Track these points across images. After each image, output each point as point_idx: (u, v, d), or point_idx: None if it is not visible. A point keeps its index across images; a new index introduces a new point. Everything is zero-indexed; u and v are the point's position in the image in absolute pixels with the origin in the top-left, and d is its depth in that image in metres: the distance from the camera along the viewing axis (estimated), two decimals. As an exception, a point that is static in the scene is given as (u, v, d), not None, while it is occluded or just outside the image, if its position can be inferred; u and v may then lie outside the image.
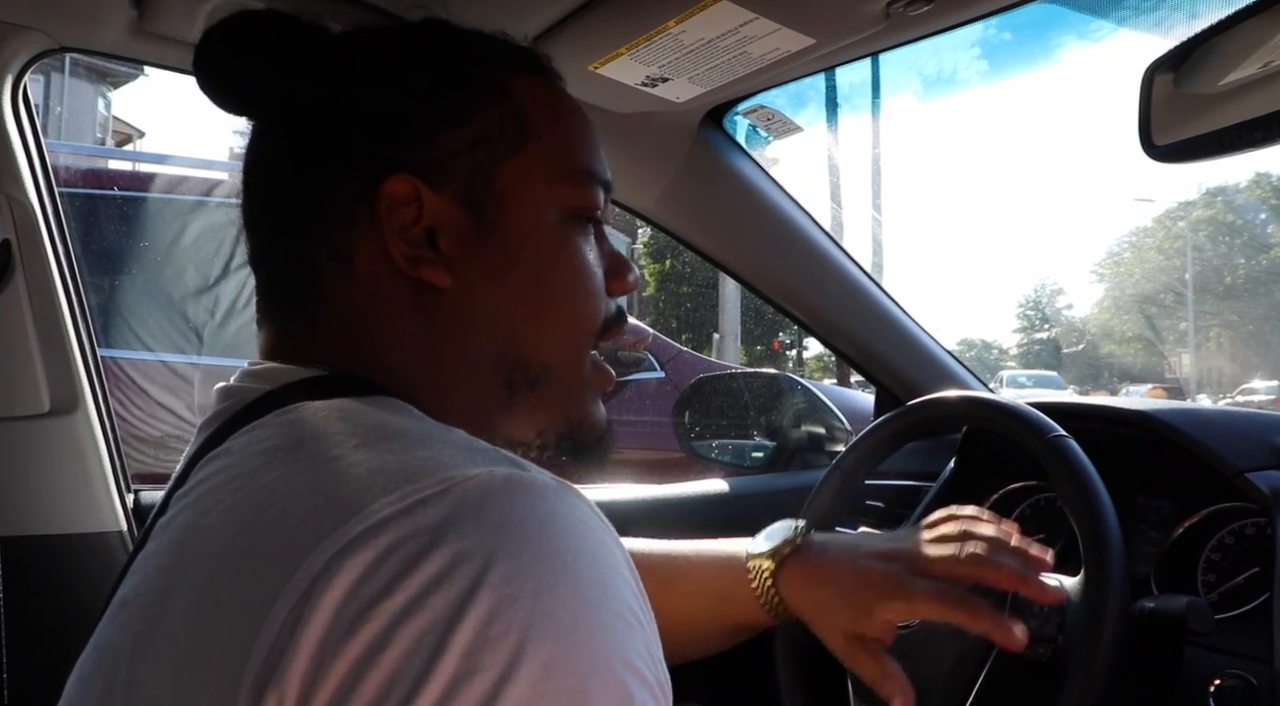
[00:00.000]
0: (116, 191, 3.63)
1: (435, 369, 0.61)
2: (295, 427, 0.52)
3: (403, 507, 0.43)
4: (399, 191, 0.59)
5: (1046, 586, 0.82)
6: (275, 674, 0.40)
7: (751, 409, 2.00)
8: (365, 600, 0.41)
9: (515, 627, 0.41)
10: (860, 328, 1.57)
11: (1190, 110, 0.80)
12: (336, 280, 0.60)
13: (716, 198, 1.43)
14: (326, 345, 0.61)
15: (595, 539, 0.47)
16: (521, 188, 0.62)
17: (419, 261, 0.59)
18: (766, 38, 0.99)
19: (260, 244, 0.64)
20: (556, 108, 0.66)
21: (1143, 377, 27.36)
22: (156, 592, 0.50)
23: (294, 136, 0.62)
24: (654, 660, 0.46)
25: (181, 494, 0.55)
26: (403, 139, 0.60)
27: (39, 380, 1.20)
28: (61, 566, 1.19)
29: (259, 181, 0.64)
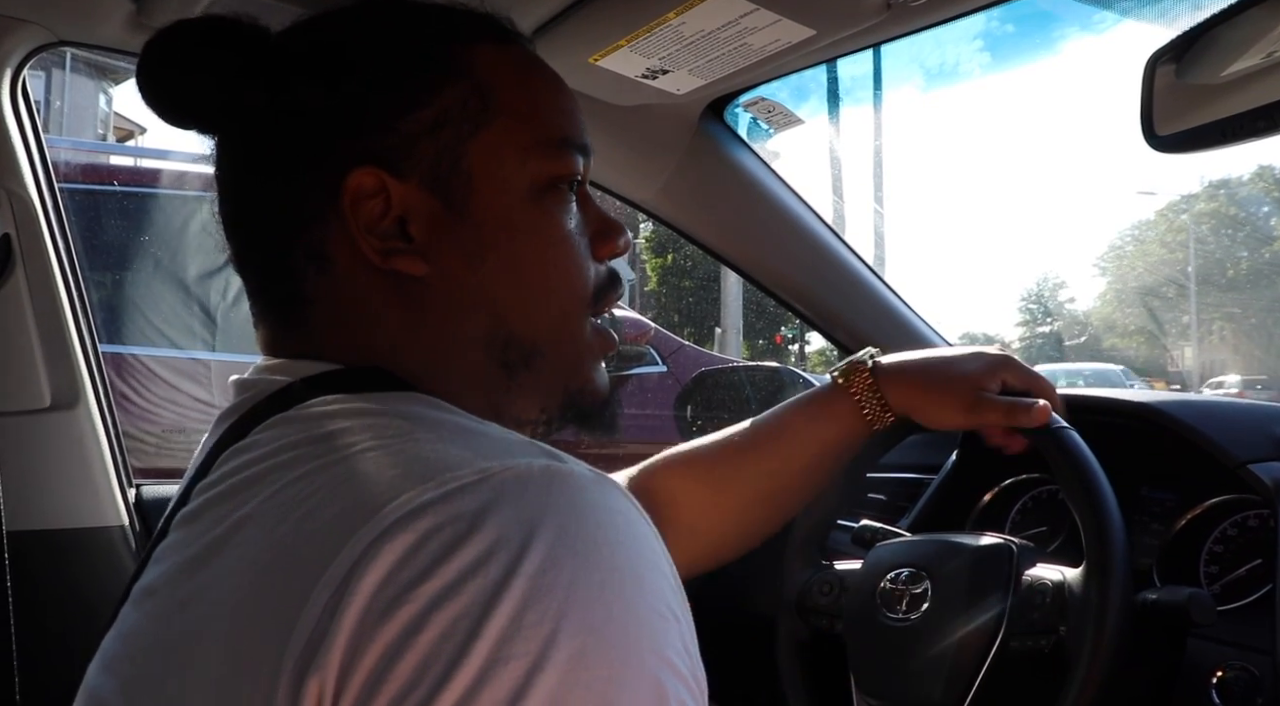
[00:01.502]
0: (117, 186, 3.62)
1: (429, 358, 0.60)
2: (326, 421, 0.52)
3: (441, 494, 0.43)
4: (364, 184, 0.58)
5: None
6: (315, 659, 0.41)
7: (753, 402, 2.00)
8: (402, 584, 0.41)
9: (549, 617, 0.41)
10: (862, 321, 1.57)
11: (1192, 100, 0.80)
12: (317, 280, 0.60)
13: (717, 191, 1.43)
14: (322, 344, 0.60)
15: (632, 532, 0.47)
16: (490, 165, 0.60)
17: (391, 253, 0.58)
18: (767, 29, 0.99)
19: (239, 249, 0.64)
20: (522, 76, 0.63)
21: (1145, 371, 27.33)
22: (190, 583, 0.50)
23: (251, 142, 0.61)
24: (690, 655, 0.47)
25: (205, 485, 0.55)
26: (361, 131, 0.59)
27: (40, 375, 1.20)
28: (63, 561, 1.19)
29: (227, 189, 0.63)
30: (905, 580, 0.99)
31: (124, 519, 1.24)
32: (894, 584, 1.00)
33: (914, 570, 0.99)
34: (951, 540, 1.01)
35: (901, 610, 0.98)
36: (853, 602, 1.04)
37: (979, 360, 0.99)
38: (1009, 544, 0.97)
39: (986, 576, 0.94)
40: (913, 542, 1.06)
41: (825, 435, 1.01)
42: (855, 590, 1.04)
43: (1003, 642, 0.91)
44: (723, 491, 1.03)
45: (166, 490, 1.33)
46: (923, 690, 0.94)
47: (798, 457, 1.01)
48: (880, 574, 1.02)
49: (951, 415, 0.97)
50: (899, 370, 1.00)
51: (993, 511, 1.28)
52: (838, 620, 1.07)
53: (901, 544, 1.06)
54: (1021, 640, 0.91)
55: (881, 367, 1.01)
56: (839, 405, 1.00)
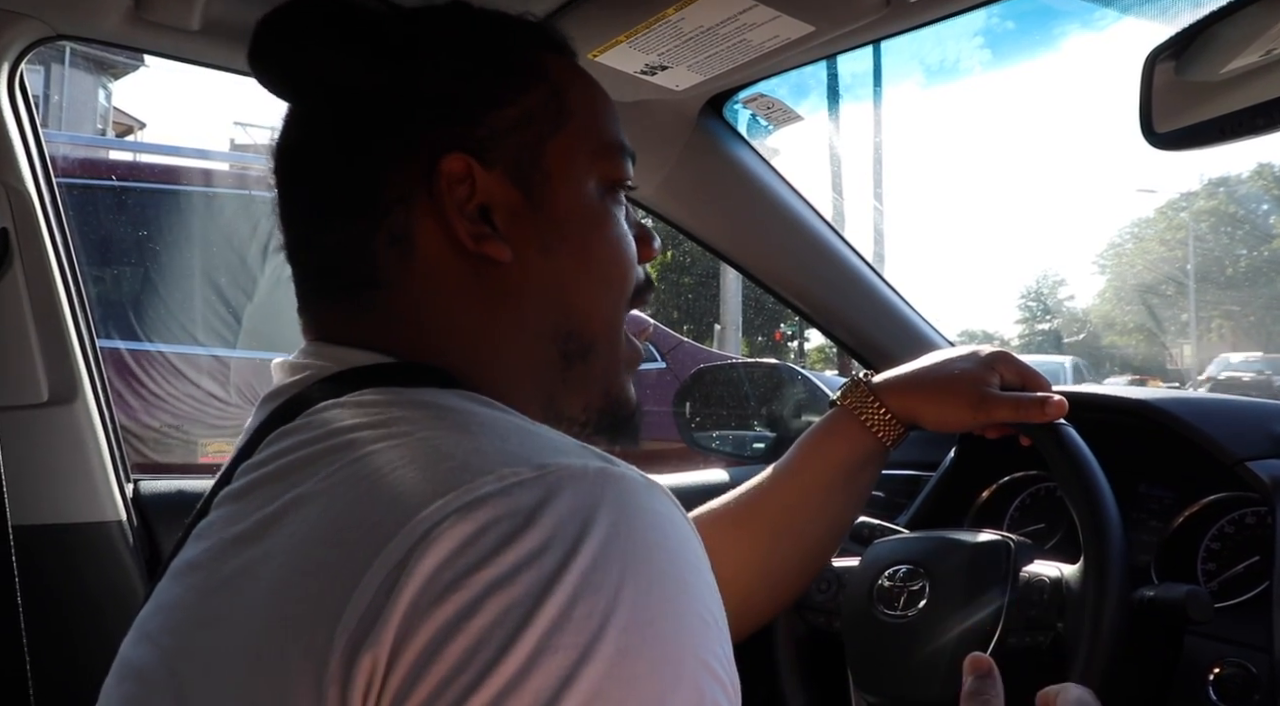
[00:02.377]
0: (115, 181, 3.62)
1: (496, 345, 0.62)
2: (383, 408, 0.53)
3: (501, 487, 0.45)
4: (455, 169, 0.60)
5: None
6: (370, 636, 0.42)
7: (752, 399, 1.99)
8: (459, 569, 0.42)
9: (598, 611, 0.42)
10: (861, 317, 1.57)
11: (1191, 98, 0.80)
12: (395, 263, 0.61)
13: (717, 187, 1.43)
14: (385, 329, 0.61)
15: (680, 537, 0.49)
16: (565, 163, 0.63)
17: (480, 237, 0.60)
18: (766, 25, 0.99)
19: (305, 231, 0.64)
20: (586, 85, 0.68)
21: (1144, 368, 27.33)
22: (238, 559, 0.51)
23: (345, 120, 0.62)
24: (727, 661, 0.48)
25: (251, 465, 0.55)
26: (454, 120, 0.61)
27: (37, 370, 1.20)
28: (61, 556, 1.19)
29: (304, 167, 0.64)
30: (903, 577, 0.99)
31: (122, 514, 1.24)
32: (892, 580, 1.00)
33: (912, 567, 0.99)
34: (949, 537, 1.01)
35: (899, 607, 0.98)
36: (850, 599, 1.04)
37: (974, 358, 1.00)
38: (1007, 540, 0.97)
39: (984, 573, 0.94)
40: (911, 539, 1.06)
41: (834, 456, 1.00)
42: (853, 587, 1.04)
43: (1000, 639, 0.91)
44: (740, 535, 1.01)
45: (164, 485, 1.33)
46: (920, 687, 0.94)
47: (812, 485, 1.01)
48: (878, 570, 1.02)
49: (958, 415, 0.98)
50: (897, 380, 1.01)
51: (991, 508, 1.29)
52: (835, 617, 1.08)
53: (899, 540, 1.06)
54: (1019, 636, 0.92)
55: (879, 381, 1.02)
56: (843, 425, 1.01)
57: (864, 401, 1.00)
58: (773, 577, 1.02)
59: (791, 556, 1.02)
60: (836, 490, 1.00)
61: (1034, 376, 0.98)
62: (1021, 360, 0.99)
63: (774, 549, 1.01)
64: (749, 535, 1.01)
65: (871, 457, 1.01)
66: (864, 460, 1.00)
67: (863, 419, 1.00)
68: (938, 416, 0.98)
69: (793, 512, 1.01)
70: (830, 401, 1.05)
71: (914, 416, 0.99)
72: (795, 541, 1.01)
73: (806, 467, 1.01)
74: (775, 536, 1.01)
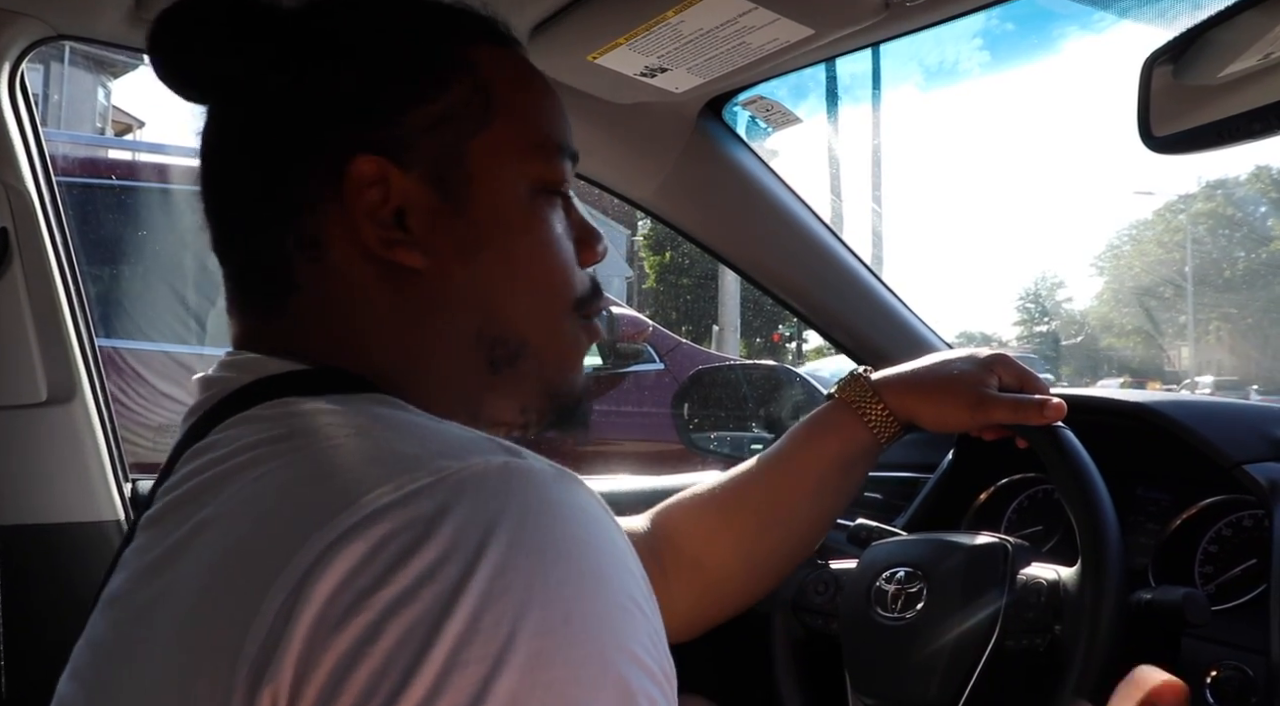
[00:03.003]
0: (115, 181, 3.62)
1: (415, 351, 0.60)
2: (285, 421, 0.51)
3: (397, 498, 0.43)
4: (366, 172, 0.57)
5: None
6: (270, 666, 0.40)
7: (750, 400, 2.00)
8: (358, 591, 0.40)
9: (506, 619, 0.40)
10: (859, 319, 1.57)
11: (1189, 101, 0.80)
12: (307, 267, 0.59)
13: (715, 189, 1.43)
14: (302, 334, 0.59)
15: (594, 527, 0.46)
16: (489, 163, 0.60)
17: (391, 243, 0.58)
18: (765, 28, 0.99)
19: (224, 234, 0.63)
20: (521, 79, 0.64)
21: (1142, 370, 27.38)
22: (149, 589, 0.49)
23: (254, 122, 0.60)
24: (657, 647, 0.46)
25: (168, 487, 0.54)
26: (368, 119, 0.58)
27: (36, 369, 1.20)
28: (59, 555, 1.19)
29: (218, 170, 0.62)
30: (901, 579, 0.99)
31: (119, 513, 1.24)
32: (889, 583, 1.00)
33: (909, 569, 0.99)
34: (947, 539, 1.01)
35: (897, 609, 0.98)
36: (848, 601, 1.04)
37: (973, 360, 0.99)
38: (1004, 543, 0.97)
39: (982, 575, 0.94)
40: (908, 542, 1.06)
41: (828, 449, 1.00)
42: (851, 589, 1.04)
43: (998, 641, 0.91)
44: (728, 521, 1.00)
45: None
46: (918, 689, 0.94)
47: (803, 476, 1.00)
48: (876, 573, 1.02)
49: (956, 415, 0.97)
50: (896, 377, 1.01)
51: (988, 511, 1.29)
52: (833, 619, 1.08)
53: (897, 543, 1.06)
54: (1017, 639, 0.92)
55: (879, 378, 1.01)
56: (840, 417, 1.00)
57: (863, 396, 0.99)
58: (754, 565, 1.01)
59: (775, 545, 1.01)
60: (827, 483, 1.00)
61: (1032, 379, 0.98)
62: (1019, 363, 0.99)
63: (758, 537, 1.00)
64: (734, 520, 1.00)
65: (865, 453, 1.00)
66: (858, 455, 1.00)
67: (861, 414, 0.99)
68: (936, 416, 0.98)
69: (781, 502, 1.00)
70: (827, 393, 1.04)
71: (912, 415, 0.99)
72: (780, 531, 1.00)
73: (799, 458, 1.00)
74: (761, 524, 1.00)
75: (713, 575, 1.00)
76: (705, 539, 1.00)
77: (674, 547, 1.00)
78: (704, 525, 1.01)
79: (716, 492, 1.02)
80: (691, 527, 1.01)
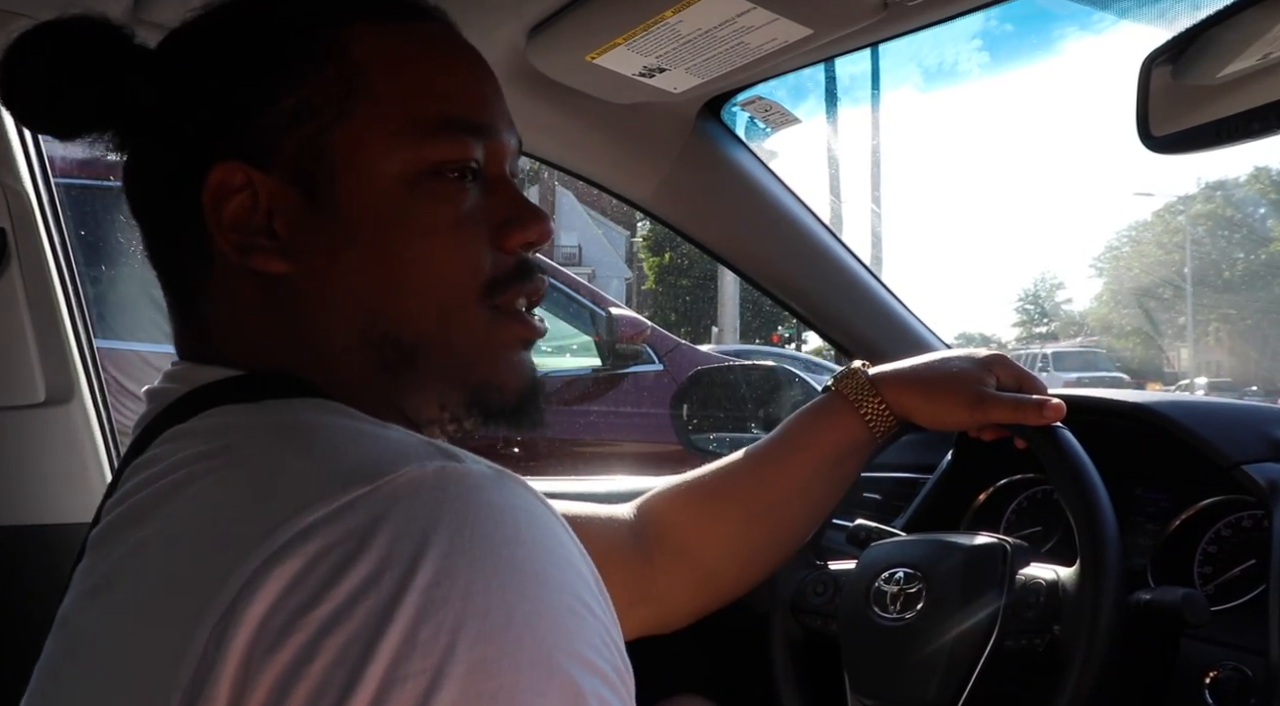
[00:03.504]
0: (113, 181, 3.62)
1: (308, 357, 0.57)
2: (221, 434, 0.50)
3: (330, 512, 0.42)
4: (228, 180, 0.56)
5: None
6: (204, 690, 0.39)
7: (749, 401, 1.99)
8: (292, 610, 0.39)
9: (445, 630, 0.39)
10: (858, 320, 1.57)
11: (1188, 101, 0.80)
12: (198, 277, 0.58)
13: (714, 190, 1.43)
14: (217, 341, 0.59)
15: (536, 528, 0.45)
16: (353, 154, 0.56)
17: (248, 250, 0.56)
18: (764, 28, 0.99)
19: (144, 248, 0.63)
20: (401, 54, 0.59)
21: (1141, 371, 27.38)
22: (91, 612, 0.49)
23: (130, 143, 0.60)
24: (610, 649, 0.45)
25: (111, 504, 0.53)
26: (228, 126, 0.56)
27: (34, 370, 1.20)
28: (56, 556, 1.19)
29: (126, 190, 0.62)
30: (900, 580, 0.99)
31: (118, 515, 1.24)
32: (888, 583, 1.00)
33: (908, 570, 0.99)
34: (946, 540, 1.01)
35: (896, 610, 0.98)
36: (847, 602, 1.04)
37: (971, 359, 0.99)
38: (1003, 543, 0.97)
39: (981, 576, 0.94)
40: (907, 542, 1.06)
41: (824, 441, 0.99)
42: (850, 589, 1.04)
43: (997, 642, 0.91)
44: (714, 509, 0.99)
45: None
46: (917, 690, 0.94)
47: (796, 467, 0.99)
48: (875, 573, 1.02)
49: (954, 414, 0.97)
50: (895, 374, 1.00)
51: (987, 511, 1.28)
52: (832, 620, 1.07)
53: (896, 543, 1.06)
54: (1015, 639, 0.92)
55: (877, 373, 1.00)
56: (836, 410, 0.99)
57: (861, 390, 0.98)
58: (745, 555, 1.00)
59: (766, 535, 1.00)
60: (820, 475, 0.99)
61: (1030, 379, 0.98)
62: (1017, 363, 0.99)
63: (745, 526, 0.99)
64: (725, 511, 0.99)
65: (859, 447, 0.99)
66: (851, 449, 0.99)
67: (858, 407, 0.98)
68: (934, 414, 0.98)
69: (769, 492, 0.99)
70: (824, 386, 1.03)
71: (909, 412, 0.98)
72: (768, 521, 0.99)
73: (793, 449, 0.99)
74: (751, 515, 0.99)
75: (700, 563, 0.99)
76: (691, 527, 0.99)
77: (660, 536, 0.99)
78: (690, 513, 1.00)
79: (705, 480, 1.01)
80: (677, 515, 1.00)
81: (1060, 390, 1.06)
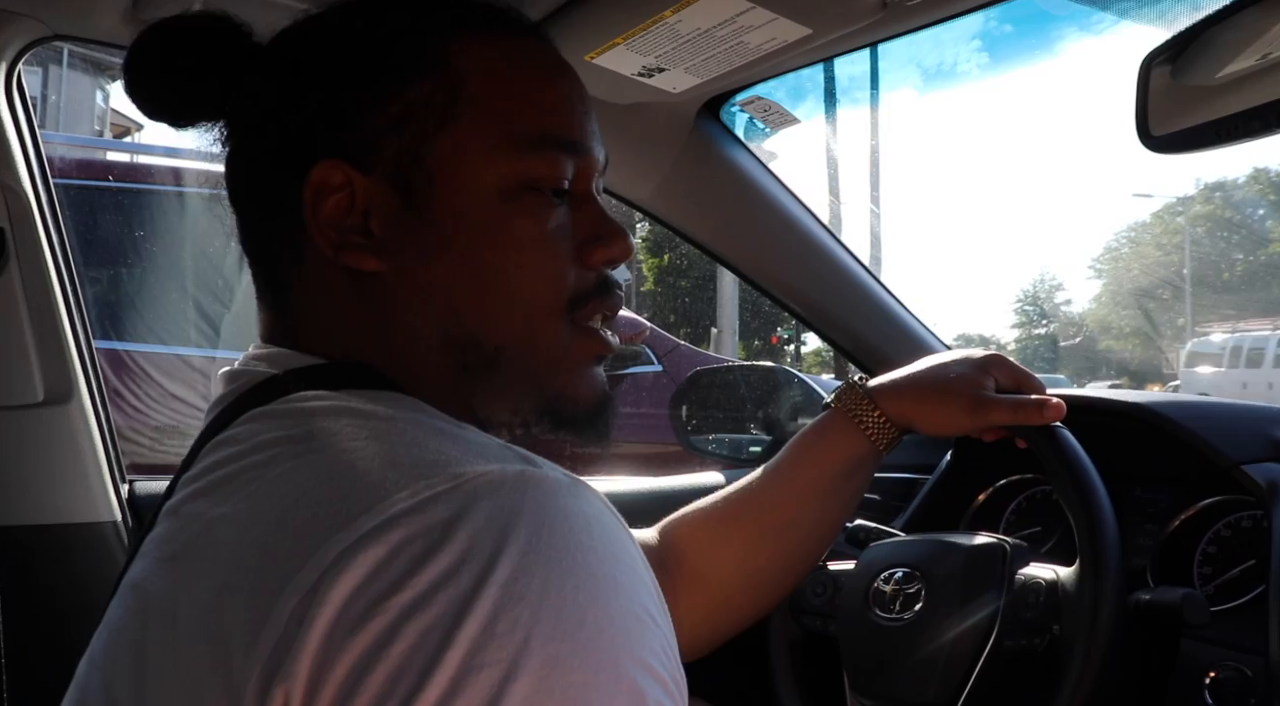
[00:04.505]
0: (112, 182, 3.62)
1: (389, 353, 0.60)
2: (304, 419, 0.52)
3: (414, 504, 0.43)
4: (329, 179, 0.58)
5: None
6: (283, 666, 0.40)
7: (748, 402, 1.99)
8: (374, 595, 0.41)
9: (521, 624, 0.41)
10: (857, 321, 1.57)
11: (1187, 101, 0.80)
12: (290, 268, 0.61)
13: (713, 190, 1.43)
14: (301, 333, 0.61)
15: (607, 535, 0.47)
16: (452, 162, 0.58)
17: (344, 247, 0.58)
18: (763, 27, 0.99)
19: (240, 236, 0.65)
20: (506, 69, 0.61)
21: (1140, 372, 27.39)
22: (168, 579, 0.50)
23: (240, 134, 0.63)
24: (668, 656, 0.46)
25: (189, 478, 0.54)
26: (334, 126, 0.59)
27: (33, 369, 1.20)
28: (56, 556, 1.19)
29: (228, 175, 0.64)
30: (899, 580, 0.99)
31: (116, 514, 1.24)
32: (888, 584, 1.00)
33: (908, 570, 0.99)
34: (945, 540, 1.01)
35: (895, 610, 0.98)
36: (846, 602, 1.04)
37: (968, 362, 0.99)
38: (1003, 544, 0.97)
39: (980, 576, 0.94)
40: (907, 542, 1.06)
41: (828, 459, 0.98)
42: (849, 590, 1.04)
43: (996, 642, 0.91)
44: (728, 533, 1.00)
45: (159, 486, 1.33)
46: (916, 690, 0.94)
47: (804, 487, 0.99)
48: (874, 573, 1.02)
49: (955, 419, 0.96)
50: (892, 384, 1.00)
51: (987, 511, 1.28)
52: (831, 620, 1.07)
53: (895, 544, 1.06)
54: (1015, 639, 0.92)
55: (875, 386, 1.00)
56: (837, 426, 0.99)
57: (859, 404, 0.98)
58: (759, 578, 1.00)
59: (779, 558, 1.00)
60: (828, 493, 0.99)
61: (1028, 379, 0.98)
62: (1015, 363, 0.99)
63: (761, 550, 0.99)
64: (737, 535, 0.99)
65: (864, 461, 0.99)
66: (857, 464, 0.99)
67: (857, 422, 0.98)
68: (934, 421, 0.97)
69: (782, 514, 0.99)
70: (824, 404, 1.04)
71: (910, 421, 0.98)
72: (783, 543, 0.99)
73: (798, 469, 1.00)
74: (763, 537, 0.99)
75: (715, 587, 0.99)
76: (707, 550, 1.00)
77: (679, 560, 0.99)
78: (706, 536, 1.00)
79: (719, 505, 1.02)
80: (694, 539, 1.01)
81: (1060, 390, 1.06)
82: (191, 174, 3.75)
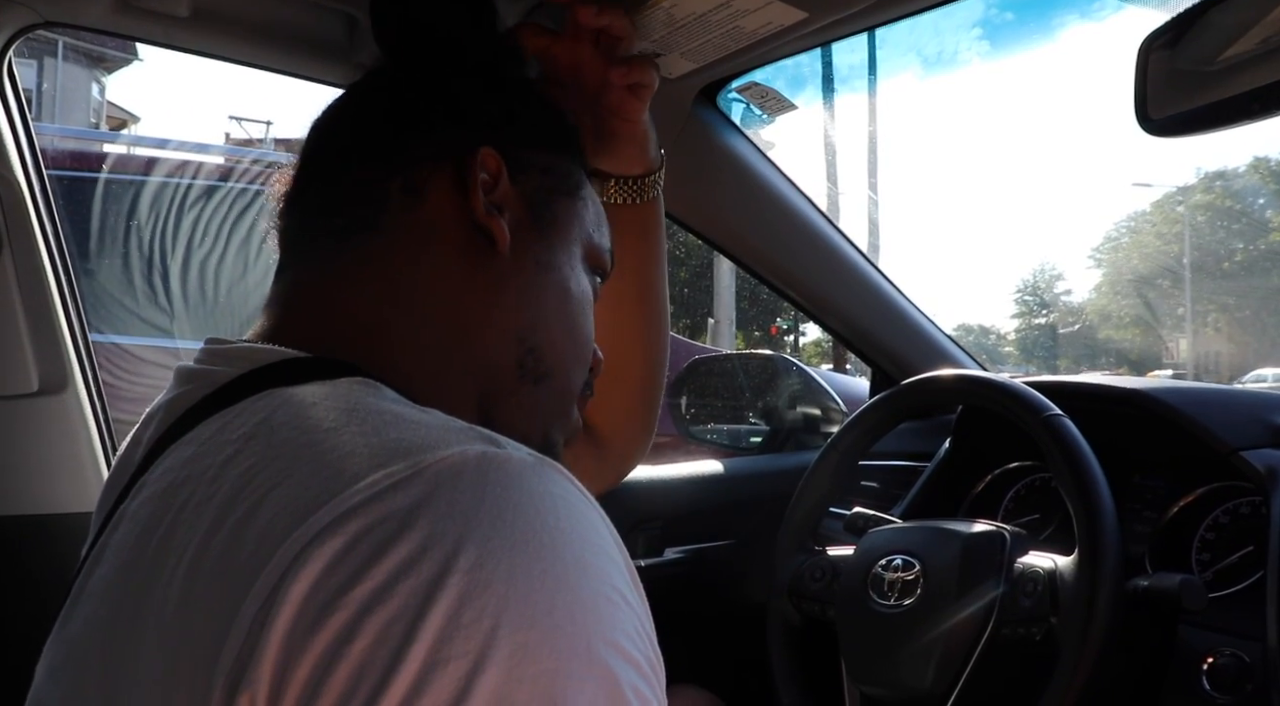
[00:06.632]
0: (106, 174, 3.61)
1: (460, 324, 0.61)
2: (269, 413, 0.51)
3: (373, 494, 0.42)
4: (489, 164, 0.62)
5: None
6: (246, 672, 0.39)
7: (747, 391, 1.99)
8: (333, 590, 0.40)
9: (487, 613, 0.39)
10: (856, 308, 1.56)
11: (1186, 85, 0.80)
12: (400, 209, 0.61)
13: (711, 177, 1.42)
14: (355, 281, 0.60)
15: (575, 515, 0.45)
16: (570, 219, 0.67)
17: (494, 211, 0.62)
18: (759, 11, 0.98)
19: (321, 170, 0.65)
20: (596, 196, 0.73)
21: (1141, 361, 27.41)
22: (128, 587, 0.48)
23: (419, 78, 0.66)
24: (643, 638, 0.45)
25: (148, 481, 0.53)
26: (509, 127, 0.65)
27: (27, 359, 1.19)
28: (50, 546, 1.19)
29: (349, 117, 0.66)
30: (898, 566, 0.99)
31: (112, 505, 1.24)
32: (886, 570, 1.00)
33: (906, 557, 0.99)
34: (944, 527, 1.01)
35: (893, 597, 0.98)
36: (845, 588, 1.04)
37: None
38: (1001, 531, 0.97)
39: (978, 564, 0.94)
40: (905, 529, 1.06)
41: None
42: (847, 576, 1.04)
43: (994, 630, 0.91)
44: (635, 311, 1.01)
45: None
46: (913, 677, 0.94)
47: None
48: (872, 560, 1.02)
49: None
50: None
51: (985, 499, 1.28)
52: (829, 606, 1.07)
53: (894, 530, 1.06)
54: (1013, 627, 0.92)
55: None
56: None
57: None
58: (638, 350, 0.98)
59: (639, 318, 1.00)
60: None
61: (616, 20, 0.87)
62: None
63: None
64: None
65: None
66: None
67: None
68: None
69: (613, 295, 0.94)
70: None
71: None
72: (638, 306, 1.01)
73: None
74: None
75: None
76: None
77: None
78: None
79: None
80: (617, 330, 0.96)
81: (1059, 377, 1.06)
82: (188, 166, 3.75)
